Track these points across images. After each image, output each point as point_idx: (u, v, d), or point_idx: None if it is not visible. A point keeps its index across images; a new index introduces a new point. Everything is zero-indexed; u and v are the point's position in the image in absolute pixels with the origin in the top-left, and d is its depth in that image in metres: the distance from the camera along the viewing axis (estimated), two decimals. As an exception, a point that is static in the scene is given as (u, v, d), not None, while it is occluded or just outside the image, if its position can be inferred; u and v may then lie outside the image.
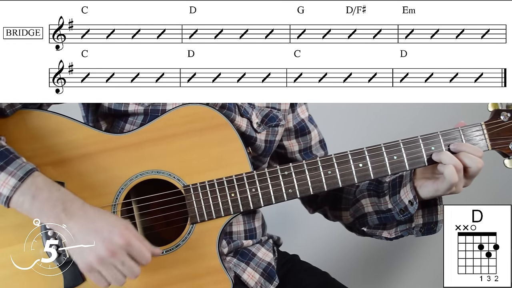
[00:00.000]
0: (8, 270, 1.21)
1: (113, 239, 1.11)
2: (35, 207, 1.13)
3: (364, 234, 1.48)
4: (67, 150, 1.23)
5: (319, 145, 1.55)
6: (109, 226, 1.13)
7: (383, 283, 2.34)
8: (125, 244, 1.12)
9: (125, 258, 1.13)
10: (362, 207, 1.43)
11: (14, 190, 1.13)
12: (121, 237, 1.12)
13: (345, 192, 1.48)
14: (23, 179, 1.13)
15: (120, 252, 1.12)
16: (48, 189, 1.14)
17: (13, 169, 1.14)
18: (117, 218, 1.17)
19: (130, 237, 1.13)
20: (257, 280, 1.38)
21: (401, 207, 1.33)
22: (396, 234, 1.42)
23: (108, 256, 1.11)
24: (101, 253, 1.11)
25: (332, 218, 1.54)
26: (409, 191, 1.31)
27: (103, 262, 1.12)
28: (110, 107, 1.32)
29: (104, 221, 1.13)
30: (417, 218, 1.38)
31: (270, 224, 1.56)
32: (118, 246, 1.12)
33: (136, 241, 1.13)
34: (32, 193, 1.13)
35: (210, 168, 1.27)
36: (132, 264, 1.13)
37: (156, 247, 1.19)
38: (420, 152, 1.29)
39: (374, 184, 1.43)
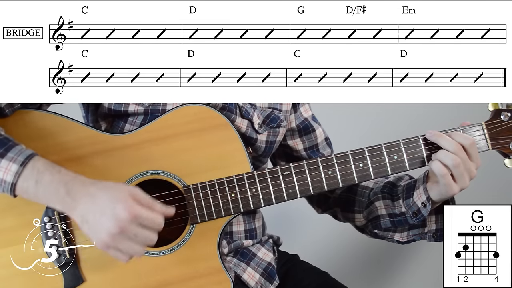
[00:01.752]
0: (8, 270, 1.21)
1: (119, 215, 1.09)
2: (40, 192, 1.13)
3: (376, 236, 1.48)
4: (67, 150, 1.23)
5: (325, 143, 1.55)
6: (112, 201, 1.10)
7: (383, 283, 2.34)
8: (132, 217, 1.10)
9: (137, 230, 1.11)
10: (376, 209, 1.43)
11: (17, 176, 1.13)
12: (126, 211, 1.09)
13: (359, 194, 1.48)
14: (24, 164, 1.13)
15: (130, 225, 1.10)
16: (49, 172, 1.14)
17: (13, 155, 1.14)
18: (121, 188, 1.13)
19: (135, 209, 1.10)
20: (257, 280, 1.38)
21: (414, 210, 1.33)
22: (408, 238, 1.42)
23: (119, 232, 1.09)
24: (112, 230, 1.09)
25: (343, 219, 1.54)
26: (422, 193, 1.31)
27: (116, 238, 1.10)
28: (110, 107, 1.32)
29: (106, 197, 1.11)
30: (430, 224, 1.38)
31: (270, 224, 1.56)
32: (126, 221, 1.09)
33: (142, 210, 1.11)
34: (35, 178, 1.13)
35: (211, 168, 1.27)
36: (146, 233, 1.12)
37: (169, 206, 1.16)
38: (420, 152, 1.29)
39: (388, 187, 1.43)
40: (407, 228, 1.41)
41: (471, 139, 1.26)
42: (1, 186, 1.14)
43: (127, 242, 1.11)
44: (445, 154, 1.25)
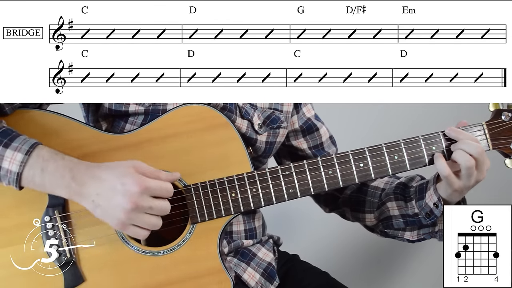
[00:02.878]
0: (8, 270, 1.21)
1: (130, 190, 1.11)
2: (46, 180, 1.14)
3: (386, 235, 1.48)
4: (67, 150, 1.23)
5: (330, 141, 1.56)
6: (120, 178, 1.12)
7: (383, 283, 2.34)
8: (143, 189, 1.11)
9: (150, 202, 1.12)
10: (388, 210, 1.43)
11: (23, 165, 1.13)
12: (136, 184, 1.11)
13: (369, 195, 1.48)
14: (29, 152, 1.14)
15: (143, 198, 1.11)
16: (53, 159, 1.15)
17: (17, 144, 1.14)
18: (125, 164, 1.15)
19: (144, 180, 1.12)
20: (257, 280, 1.38)
21: (427, 211, 1.34)
22: (418, 237, 1.42)
23: (133, 207, 1.11)
24: (126, 207, 1.10)
25: (352, 219, 1.54)
26: (433, 194, 1.32)
27: (132, 214, 1.11)
28: (111, 107, 1.32)
29: (113, 176, 1.12)
30: (440, 223, 1.38)
31: (270, 224, 1.56)
32: (138, 194, 1.11)
33: (151, 181, 1.13)
34: (40, 166, 1.14)
35: (211, 168, 1.27)
36: (159, 203, 1.14)
37: (173, 172, 1.20)
38: (421, 152, 1.29)
39: (401, 188, 1.43)
40: (417, 227, 1.42)
41: None
42: (6, 177, 1.14)
43: (144, 216, 1.13)
44: (468, 143, 1.25)
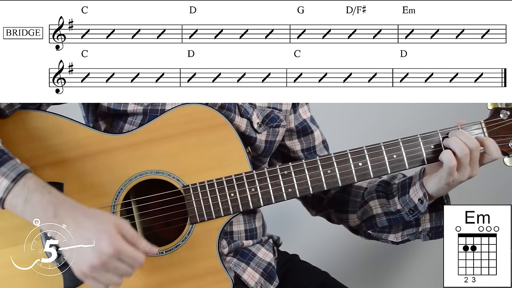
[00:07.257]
0: (8, 270, 1.21)
1: (102, 249, 1.10)
2: (28, 210, 1.12)
3: (370, 237, 1.47)
4: (66, 151, 1.23)
5: (322, 145, 1.55)
6: (97, 233, 1.11)
7: (383, 283, 2.34)
8: (115, 252, 1.10)
9: (117, 264, 1.11)
10: (371, 209, 1.43)
11: (7, 192, 1.12)
12: (110, 245, 1.10)
13: (353, 194, 1.48)
14: (15, 180, 1.12)
15: (111, 260, 1.10)
16: (39, 191, 1.13)
17: (6, 170, 1.13)
18: (108, 219, 1.13)
19: (119, 244, 1.10)
20: (257, 280, 1.38)
21: (411, 207, 1.34)
22: (402, 238, 1.42)
23: (99, 265, 1.10)
24: (92, 262, 1.10)
25: (337, 221, 1.54)
26: (419, 189, 1.31)
27: (96, 270, 1.11)
28: (110, 107, 1.32)
29: (93, 227, 1.11)
30: (424, 223, 1.38)
31: (270, 224, 1.56)
32: (108, 256, 1.10)
33: (126, 247, 1.11)
34: (24, 196, 1.12)
35: (210, 168, 1.27)
36: (125, 268, 1.12)
37: (153, 246, 1.16)
38: (419, 150, 1.29)
39: (383, 185, 1.43)
40: (401, 228, 1.41)
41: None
42: None
43: (106, 274, 1.12)
44: (464, 134, 1.26)
